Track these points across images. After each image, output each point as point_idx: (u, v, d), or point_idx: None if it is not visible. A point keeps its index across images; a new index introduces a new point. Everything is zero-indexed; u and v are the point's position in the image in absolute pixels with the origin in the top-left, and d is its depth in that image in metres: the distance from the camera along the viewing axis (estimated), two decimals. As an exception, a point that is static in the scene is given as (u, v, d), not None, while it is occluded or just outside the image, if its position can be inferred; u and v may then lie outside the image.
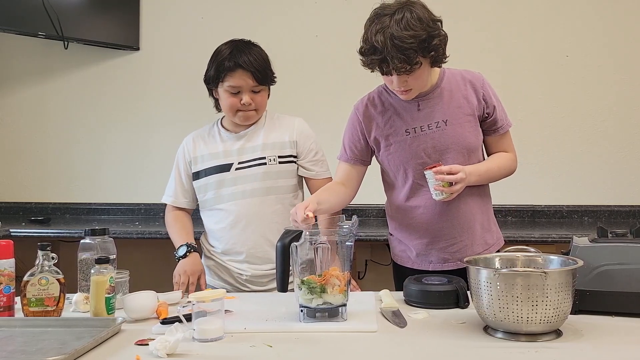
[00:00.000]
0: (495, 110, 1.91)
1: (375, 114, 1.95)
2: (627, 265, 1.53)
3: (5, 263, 1.60)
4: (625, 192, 3.34)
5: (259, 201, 2.08)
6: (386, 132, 1.92)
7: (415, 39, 1.67)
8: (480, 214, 1.95)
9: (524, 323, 1.34)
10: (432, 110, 1.88)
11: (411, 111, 1.89)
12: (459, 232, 1.92)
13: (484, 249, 1.94)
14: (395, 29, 1.67)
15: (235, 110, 2.05)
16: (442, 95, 1.89)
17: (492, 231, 2.00)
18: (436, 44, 1.72)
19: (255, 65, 2.01)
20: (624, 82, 3.35)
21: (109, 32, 3.49)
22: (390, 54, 1.67)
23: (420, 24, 1.69)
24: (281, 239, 1.54)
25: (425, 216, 1.92)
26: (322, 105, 3.44)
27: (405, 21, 1.67)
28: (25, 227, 3.11)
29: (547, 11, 3.39)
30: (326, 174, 2.18)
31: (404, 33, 1.66)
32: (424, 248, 1.96)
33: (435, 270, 1.93)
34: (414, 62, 1.69)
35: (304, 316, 1.51)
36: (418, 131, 1.88)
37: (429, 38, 1.70)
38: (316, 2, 3.50)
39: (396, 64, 1.68)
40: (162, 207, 2.25)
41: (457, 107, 1.89)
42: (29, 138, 3.65)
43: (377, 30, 1.70)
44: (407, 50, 1.67)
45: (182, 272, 1.99)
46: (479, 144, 1.95)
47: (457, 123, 1.88)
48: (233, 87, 2.02)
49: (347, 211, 2.12)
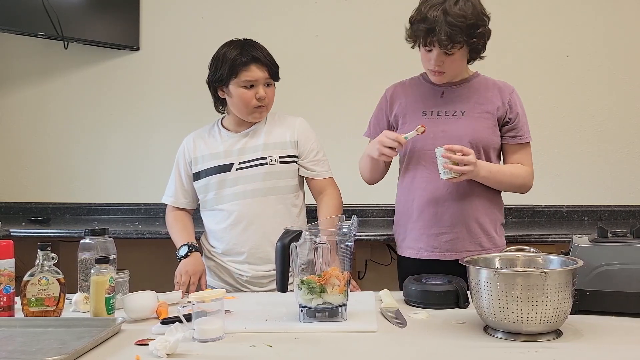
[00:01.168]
0: (519, 117, 1.96)
1: (402, 94, 2.05)
2: (627, 265, 1.53)
3: (5, 263, 1.60)
4: (625, 192, 3.34)
5: (260, 201, 2.07)
6: (405, 110, 2.01)
7: (465, 19, 1.79)
8: (482, 215, 1.95)
9: (524, 323, 1.34)
10: (454, 100, 1.96)
11: (434, 97, 1.99)
12: (452, 223, 1.93)
13: (475, 250, 1.93)
14: (449, 6, 1.79)
15: (250, 107, 2.05)
16: (468, 90, 1.97)
17: (491, 237, 1.97)
18: (480, 32, 1.84)
19: (268, 59, 2.05)
20: (624, 82, 3.35)
21: (109, 32, 3.49)
22: (439, 26, 1.78)
23: (473, 10, 1.82)
24: (281, 239, 1.54)
25: (423, 199, 1.96)
26: (322, 105, 3.44)
27: (460, 4, 1.81)
28: (25, 227, 3.10)
29: (547, 11, 3.39)
30: (327, 174, 2.17)
31: (456, 11, 1.79)
32: (417, 232, 1.98)
33: (422, 259, 1.96)
34: (457, 41, 1.80)
35: (304, 316, 1.51)
36: (434, 115, 1.96)
37: (475, 25, 1.82)
38: (316, 2, 3.50)
39: (441, 36, 1.78)
40: (162, 207, 2.26)
41: (478, 103, 1.95)
42: (29, 138, 3.65)
43: (432, 4, 1.82)
44: (455, 26, 1.78)
45: (184, 272, 1.99)
46: (493, 144, 1.96)
47: (473, 117, 1.94)
48: (248, 81, 2.02)
49: (347, 211, 2.12)
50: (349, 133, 3.43)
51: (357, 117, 3.43)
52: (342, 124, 3.44)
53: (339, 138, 3.39)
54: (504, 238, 2.03)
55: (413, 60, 1.96)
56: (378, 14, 3.44)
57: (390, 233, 2.93)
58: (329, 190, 2.15)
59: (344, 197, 2.20)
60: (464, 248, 1.93)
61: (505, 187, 1.98)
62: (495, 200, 2.00)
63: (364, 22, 3.46)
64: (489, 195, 1.97)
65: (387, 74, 3.42)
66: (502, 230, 2.03)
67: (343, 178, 2.33)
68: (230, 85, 2.04)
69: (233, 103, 2.07)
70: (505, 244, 2.01)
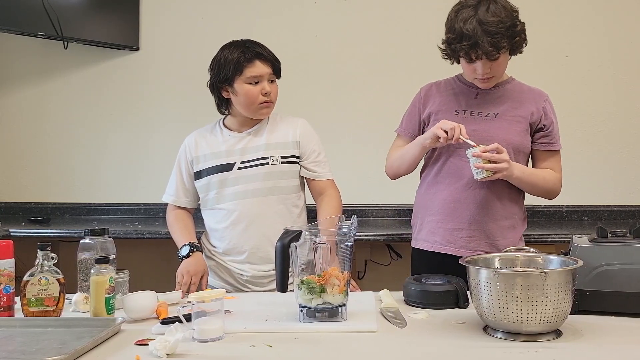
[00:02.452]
0: (553, 125, 1.98)
1: (436, 93, 2.06)
2: (627, 265, 1.53)
3: (5, 263, 1.60)
4: (625, 192, 3.34)
5: (261, 201, 2.08)
6: (438, 108, 2.01)
7: (503, 24, 1.80)
8: (502, 219, 1.95)
9: (524, 323, 1.34)
10: (488, 102, 1.97)
11: (468, 97, 2.00)
12: (470, 221, 1.94)
13: (490, 251, 1.92)
14: (483, 16, 1.79)
15: (257, 103, 2.05)
16: (502, 93, 1.99)
17: (508, 240, 1.97)
18: (519, 30, 1.87)
19: (271, 55, 2.08)
20: (624, 82, 3.35)
21: (108, 32, 3.49)
22: (480, 39, 1.78)
23: (505, 12, 1.83)
24: (281, 239, 1.54)
25: (445, 193, 1.97)
26: (322, 106, 3.44)
27: (491, 10, 1.81)
28: (25, 227, 3.10)
29: (547, 11, 3.39)
30: (328, 175, 2.17)
31: (491, 19, 1.79)
32: (434, 225, 2.00)
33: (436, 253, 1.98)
34: (502, 46, 1.81)
35: (304, 316, 1.51)
36: (467, 114, 1.97)
37: (513, 25, 1.84)
38: (316, 2, 3.50)
39: (486, 47, 1.79)
40: (162, 207, 2.26)
41: (512, 107, 1.96)
42: (29, 138, 3.65)
43: (464, 19, 1.82)
44: (496, 34, 1.79)
45: (185, 271, 1.99)
46: (524, 148, 1.96)
47: (506, 120, 1.95)
48: (254, 77, 2.04)
49: (347, 211, 2.12)
50: (348, 133, 3.45)
51: (357, 117, 3.47)
52: (341, 124, 3.44)
53: (339, 138, 3.39)
54: (520, 239, 2.02)
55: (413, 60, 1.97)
56: (378, 14, 3.44)
57: (390, 233, 2.95)
58: (330, 192, 2.15)
59: (344, 198, 2.20)
60: (479, 247, 1.93)
61: (536, 190, 1.99)
62: (518, 206, 2.00)
63: (363, 22, 3.46)
64: (511, 200, 1.97)
65: (387, 74, 3.45)
66: (521, 237, 2.02)
67: (343, 178, 2.33)
68: (235, 83, 2.05)
69: (239, 101, 2.07)
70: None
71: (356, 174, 3.33)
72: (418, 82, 2.15)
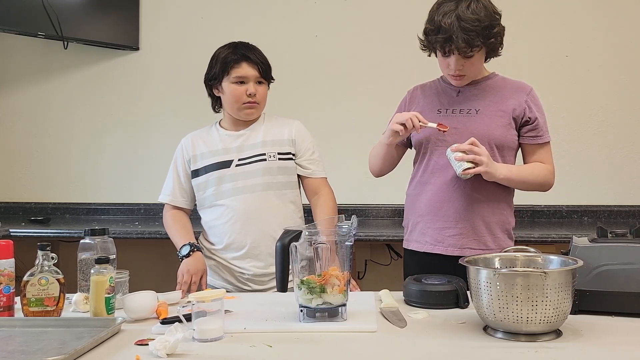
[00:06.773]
0: (538, 117, 1.97)
1: (421, 94, 2.08)
2: (627, 265, 1.53)
3: (5, 263, 1.60)
4: (625, 192, 3.35)
5: (259, 197, 2.10)
6: (422, 109, 2.01)
7: (480, 23, 1.80)
8: (489, 215, 1.94)
9: (524, 323, 1.34)
10: (469, 99, 1.98)
11: (450, 95, 2.01)
12: (457, 218, 1.93)
13: (479, 249, 1.93)
14: (462, 12, 1.80)
15: (240, 103, 2.09)
16: (484, 89, 1.98)
17: (497, 238, 1.97)
18: (496, 32, 1.86)
19: (259, 59, 2.12)
20: (624, 82, 3.36)
21: (108, 32, 3.49)
22: (455, 34, 1.79)
23: (485, 12, 1.83)
24: (281, 239, 1.54)
25: (431, 192, 1.97)
26: (321, 105, 3.44)
27: (472, 8, 1.81)
28: (25, 227, 3.10)
29: (547, 11, 3.39)
30: (321, 174, 2.20)
31: (470, 16, 1.80)
32: (423, 225, 2.00)
33: (427, 253, 1.97)
34: (475, 45, 1.81)
35: (304, 316, 1.51)
36: (449, 113, 1.98)
37: (490, 26, 1.83)
38: (316, 2, 3.50)
39: (459, 43, 1.79)
40: (162, 207, 2.26)
41: (493, 102, 1.96)
42: (29, 138, 3.65)
43: (444, 12, 1.82)
44: (471, 32, 1.79)
45: (185, 271, 2.00)
46: (508, 142, 1.95)
47: (487, 115, 1.94)
48: (239, 78, 2.09)
49: (347, 211, 2.12)
50: (348, 133, 3.45)
51: (356, 117, 3.47)
52: (340, 124, 3.44)
53: (338, 138, 3.40)
54: (512, 242, 2.00)
55: (413, 60, 1.97)
56: (378, 14, 3.44)
57: (389, 233, 2.95)
58: (324, 191, 2.18)
59: (339, 198, 2.21)
60: (467, 246, 1.93)
61: (527, 185, 1.98)
62: (505, 202, 1.99)
63: (363, 22, 3.46)
64: (498, 196, 1.96)
65: (387, 75, 3.45)
66: (510, 233, 2.01)
67: (344, 178, 2.34)
68: (223, 82, 2.11)
69: (226, 100, 2.13)
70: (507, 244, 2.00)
71: (357, 173, 3.32)
72: (418, 82, 2.15)
